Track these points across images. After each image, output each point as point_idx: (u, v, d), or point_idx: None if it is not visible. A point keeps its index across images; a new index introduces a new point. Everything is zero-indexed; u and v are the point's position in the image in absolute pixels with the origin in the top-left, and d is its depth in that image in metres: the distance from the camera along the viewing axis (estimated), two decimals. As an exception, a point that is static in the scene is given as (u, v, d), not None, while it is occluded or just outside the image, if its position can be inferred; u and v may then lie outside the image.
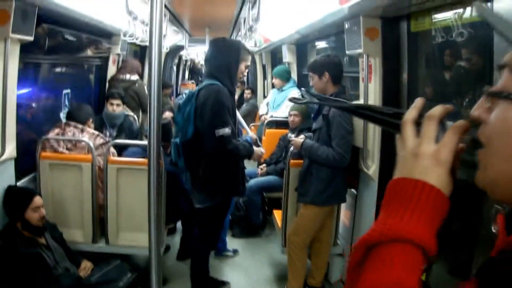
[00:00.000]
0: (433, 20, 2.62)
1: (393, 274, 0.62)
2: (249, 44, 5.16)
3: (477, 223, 2.04)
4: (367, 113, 0.84)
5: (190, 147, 3.24)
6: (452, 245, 2.22)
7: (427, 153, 0.70)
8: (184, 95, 9.66)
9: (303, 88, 4.50)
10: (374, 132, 3.12)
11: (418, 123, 0.74)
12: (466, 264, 2.10)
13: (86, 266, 3.40)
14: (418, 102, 0.76)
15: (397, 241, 0.64)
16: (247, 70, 3.59)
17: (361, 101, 3.23)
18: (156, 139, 1.46)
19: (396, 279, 0.62)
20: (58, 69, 4.90)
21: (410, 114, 0.75)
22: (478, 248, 2.06)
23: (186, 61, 16.05)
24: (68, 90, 4.83)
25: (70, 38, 4.60)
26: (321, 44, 5.76)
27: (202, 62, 16.32)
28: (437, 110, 0.72)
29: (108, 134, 4.48)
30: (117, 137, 4.51)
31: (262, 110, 6.38)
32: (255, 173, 5.14)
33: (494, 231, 1.95)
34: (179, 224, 4.93)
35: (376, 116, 0.82)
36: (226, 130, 3.11)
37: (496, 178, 0.66)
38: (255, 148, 3.46)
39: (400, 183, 0.70)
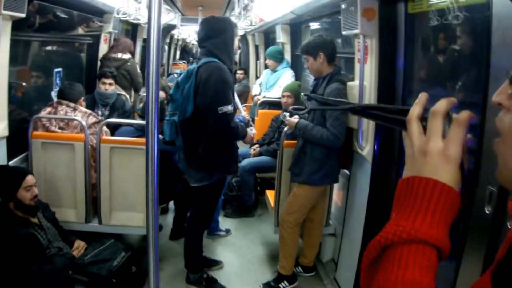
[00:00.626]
0: (430, 2, 2.61)
1: (409, 273, 0.62)
2: (244, 24, 5.11)
3: (469, 205, 2.05)
4: (371, 112, 0.83)
5: (189, 125, 3.21)
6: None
7: (435, 151, 0.69)
8: (175, 75, 9.60)
9: (303, 94, 4.50)
10: (369, 113, 3.12)
11: (423, 118, 0.72)
12: (458, 249, 2.12)
13: (79, 246, 3.40)
14: (422, 97, 0.75)
15: (411, 242, 0.64)
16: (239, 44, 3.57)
17: (356, 82, 3.21)
18: (154, 118, 1.44)
19: (412, 279, 0.62)
20: (49, 48, 4.84)
21: (415, 110, 0.73)
22: (471, 231, 2.07)
23: (178, 40, 15.89)
24: (60, 69, 4.77)
25: (62, 15, 4.53)
26: (315, 25, 5.72)
27: (194, 42, 16.20)
28: (442, 104, 0.70)
29: (100, 113, 4.45)
30: (109, 116, 4.48)
31: (255, 90, 6.36)
32: (248, 153, 5.14)
33: (487, 212, 1.96)
34: (171, 204, 4.95)
35: (382, 115, 0.81)
36: (229, 108, 3.11)
37: None
38: (248, 130, 3.46)
39: (410, 182, 0.70)
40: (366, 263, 0.69)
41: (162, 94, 4.68)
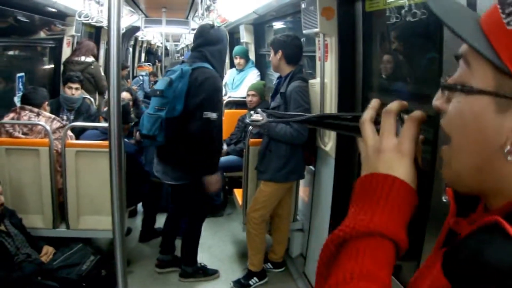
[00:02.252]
0: (387, 0, 2.69)
1: (365, 266, 0.62)
2: (206, 25, 5.13)
3: (427, 195, 2.12)
4: (326, 121, 0.85)
5: (176, 123, 3.27)
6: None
7: (389, 147, 0.71)
8: (140, 77, 9.50)
9: (259, 109, 4.54)
10: (331, 109, 3.20)
11: (376, 122, 0.75)
12: (417, 240, 2.19)
13: (47, 251, 3.37)
14: (374, 102, 0.77)
15: (369, 235, 0.65)
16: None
17: (317, 80, 3.29)
18: (116, 120, 1.46)
19: (368, 271, 0.62)
20: (10, 52, 4.76)
21: (368, 114, 0.76)
22: (430, 221, 2.15)
23: (142, 42, 15.76)
24: (22, 74, 4.70)
25: (22, 19, 4.46)
26: (278, 25, 5.79)
27: (159, 44, 16.08)
28: (394, 105, 0.73)
29: (65, 117, 4.41)
30: (74, 120, 4.44)
31: (220, 91, 6.35)
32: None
33: (444, 200, 2.04)
34: (140, 207, 4.94)
35: (336, 123, 0.83)
36: (214, 115, 3.21)
37: (459, 173, 0.66)
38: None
39: (368, 179, 0.71)
40: (323, 259, 0.68)
41: (127, 96, 4.67)
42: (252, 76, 5.65)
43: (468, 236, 0.62)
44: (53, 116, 3.86)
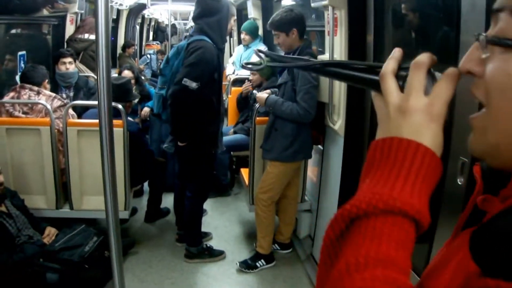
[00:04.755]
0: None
1: (383, 249, 0.53)
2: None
3: (442, 177, 2.02)
4: (335, 70, 0.73)
5: None
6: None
7: (418, 107, 0.60)
8: (148, 56, 9.43)
9: (255, 49, 4.44)
10: (340, 86, 3.08)
11: (398, 76, 0.64)
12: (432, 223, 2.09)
13: (50, 233, 3.33)
14: (396, 52, 0.66)
15: (388, 213, 0.55)
16: (234, 24, 3.65)
17: (326, 55, 3.16)
18: (106, 99, 1.36)
19: (387, 256, 0.52)
20: (12, 31, 4.67)
21: (390, 65, 0.64)
22: (444, 203, 2.05)
23: (150, 20, 15.59)
24: (24, 52, 4.60)
25: (24, -4, 4.35)
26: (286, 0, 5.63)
27: (167, 22, 15.91)
28: (425, 57, 0.62)
29: (64, 95, 4.30)
30: (74, 97, 4.35)
31: (228, 70, 6.22)
32: (226, 132, 5.07)
33: (460, 183, 1.94)
34: (146, 186, 4.88)
35: (346, 73, 0.72)
36: (193, 85, 3.12)
37: (497, 144, 0.57)
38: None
39: (387, 143, 0.60)
40: (331, 236, 0.58)
41: (129, 74, 4.57)
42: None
43: (501, 215, 0.55)
44: (53, 94, 3.77)
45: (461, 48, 1.91)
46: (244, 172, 4.20)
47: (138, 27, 12.55)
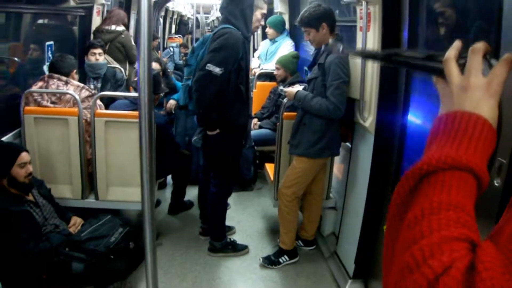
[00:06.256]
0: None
1: (453, 198, 0.61)
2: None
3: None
4: (399, 59, 0.84)
5: None
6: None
7: (478, 85, 0.69)
8: (171, 49, 9.44)
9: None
10: (372, 83, 3.01)
11: (458, 64, 0.74)
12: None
13: (75, 222, 3.34)
14: (457, 43, 0.76)
15: (455, 169, 0.63)
16: (263, 19, 3.61)
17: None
18: (147, 91, 1.35)
19: (457, 202, 0.60)
20: (40, 21, 4.68)
21: (452, 52, 0.74)
22: (479, 205, 1.98)
23: (173, 13, 15.62)
24: (51, 42, 4.62)
25: (51, -13, 4.37)
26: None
27: (189, 15, 15.89)
28: (481, 44, 0.72)
29: (92, 86, 4.31)
30: (102, 88, 4.35)
31: (253, 63, 6.18)
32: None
33: (496, 184, 1.88)
34: (169, 179, 4.89)
35: (413, 62, 0.83)
36: (217, 70, 3.13)
37: None
38: None
39: (451, 116, 0.68)
40: (401, 193, 0.66)
41: (156, 66, 4.56)
42: (286, 47, 5.47)
43: None
44: (82, 84, 3.78)
45: (502, 47, 1.84)
46: (269, 167, 4.17)
47: (161, 20, 12.58)
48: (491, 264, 0.53)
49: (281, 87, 3.98)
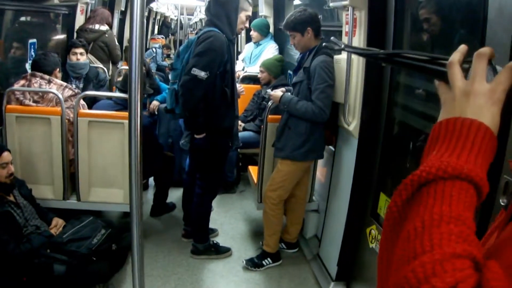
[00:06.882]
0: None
1: (454, 209, 0.59)
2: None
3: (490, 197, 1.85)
4: (401, 60, 0.83)
5: None
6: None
7: (481, 91, 0.68)
8: (153, 50, 9.36)
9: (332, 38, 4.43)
10: (356, 87, 3.04)
11: (461, 67, 0.73)
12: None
13: (57, 224, 3.29)
14: (462, 47, 0.75)
15: (456, 178, 0.61)
16: (247, 21, 3.60)
17: (343, 56, 3.12)
18: (138, 91, 1.35)
19: (458, 214, 0.58)
20: (23, 18, 4.62)
21: (456, 56, 0.73)
22: (484, 224, 1.93)
23: (156, 14, 15.53)
24: (34, 40, 4.56)
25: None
26: (298, -2, 5.60)
27: (173, 16, 15.81)
28: (486, 49, 0.71)
29: (74, 86, 4.26)
30: (84, 88, 4.30)
31: (238, 66, 6.18)
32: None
33: (502, 204, 1.84)
34: (151, 181, 4.86)
35: (415, 64, 0.81)
36: (202, 74, 3.13)
37: None
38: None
39: (452, 122, 0.67)
40: (398, 202, 0.65)
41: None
42: (270, 50, 5.49)
43: None
44: (65, 84, 3.73)
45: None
46: (253, 170, 4.17)
47: (144, 21, 12.51)
48: None
49: (266, 90, 3.99)
